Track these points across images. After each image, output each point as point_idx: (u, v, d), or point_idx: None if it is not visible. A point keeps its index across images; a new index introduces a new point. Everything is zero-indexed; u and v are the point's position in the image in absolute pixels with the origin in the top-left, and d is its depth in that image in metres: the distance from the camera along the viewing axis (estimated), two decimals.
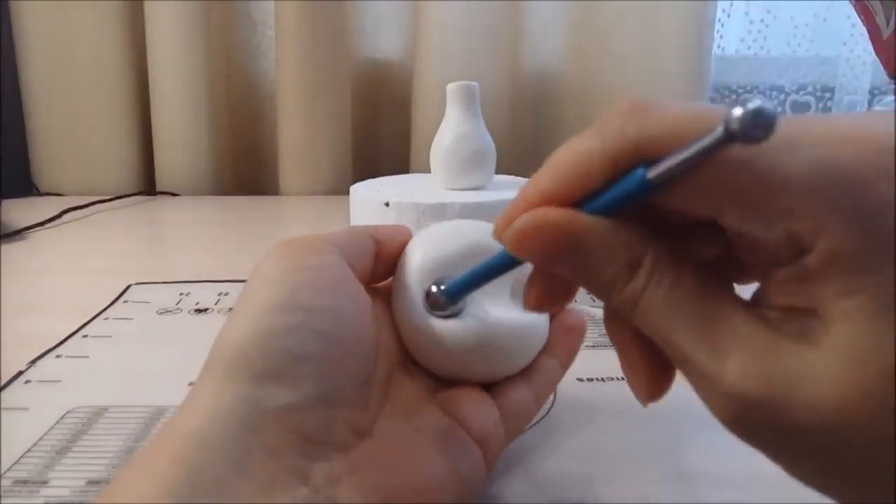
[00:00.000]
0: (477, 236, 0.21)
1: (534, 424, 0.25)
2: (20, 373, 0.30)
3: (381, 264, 0.21)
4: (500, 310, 0.21)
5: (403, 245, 0.22)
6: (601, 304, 0.17)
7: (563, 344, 0.23)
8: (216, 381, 0.16)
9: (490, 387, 0.22)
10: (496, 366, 0.21)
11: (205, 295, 0.41)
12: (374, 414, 0.19)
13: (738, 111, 0.13)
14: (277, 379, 0.16)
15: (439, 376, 0.22)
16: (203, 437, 0.15)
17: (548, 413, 0.26)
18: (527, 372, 0.22)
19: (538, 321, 0.22)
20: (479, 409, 0.20)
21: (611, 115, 0.14)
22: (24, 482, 0.21)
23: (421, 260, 0.21)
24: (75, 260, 0.51)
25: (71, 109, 0.77)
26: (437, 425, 0.19)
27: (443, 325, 0.20)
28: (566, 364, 0.23)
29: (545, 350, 0.23)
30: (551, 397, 0.27)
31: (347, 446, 0.17)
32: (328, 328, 0.17)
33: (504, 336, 0.21)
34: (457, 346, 0.20)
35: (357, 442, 0.17)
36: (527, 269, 0.19)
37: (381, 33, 0.83)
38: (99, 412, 0.26)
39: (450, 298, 0.20)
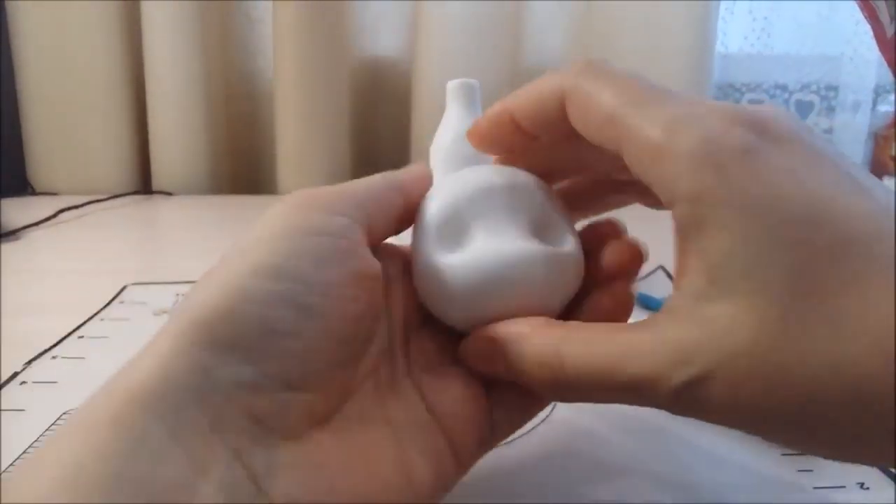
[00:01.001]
0: (496, 177, 0.20)
1: (535, 426, 0.25)
2: (16, 374, 0.29)
3: (409, 215, 0.20)
4: (516, 240, 0.19)
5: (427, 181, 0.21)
6: None
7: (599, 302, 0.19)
8: (175, 341, 0.14)
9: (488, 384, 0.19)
10: (512, 303, 0.18)
11: None
12: (349, 392, 0.17)
13: None
14: (239, 352, 0.14)
15: (459, 328, 0.19)
16: (149, 399, 0.13)
17: (550, 415, 0.26)
18: None
19: (569, 253, 0.19)
20: (460, 405, 0.18)
21: (572, 68, 0.18)
22: None
23: (437, 203, 0.20)
24: (71, 260, 0.50)
25: (66, 109, 0.77)
26: (410, 418, 0.18)
27: (452, 259, 0.19)
28: None
29: None
30: None
31: (298, 435, 0.15)
32: (312, 302, 0.15)
33: (521, 265, 0.18)
34: (467, 281, 0.18)
35: (310, 432, 0.16)
36: (546, 199, 0.20)
37: (380, 31, 0.83)
38: None
39: None
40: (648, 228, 0.20)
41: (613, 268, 0.19)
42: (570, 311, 0.19)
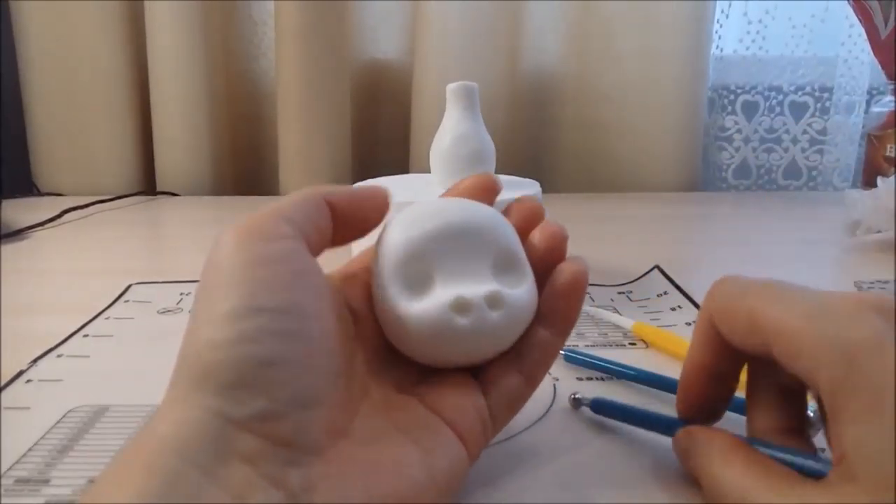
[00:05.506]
0: (459, 215, 0.20)
1: (533, 423, 0.25)
2: (21, 372, 0.30)
3: (341, 227, 0.20)
4: (476, 285, 0.19)
5: (371, 203, 0.20)
6: (601, 304, 0.18)
7: (559, 310, 0.20)
8: (184, 393, 0.16)
9: (477, 370, 0.21)
10: (471, 349, 0.20)
11: None
12: (353, 410, 0.18)
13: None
14: (246, 387, 0.15)
15: (420, 363, 0.21)
16: (176, 447, 0.14)
17: (548, 412, 0.26)
18: (515, 350, 0.21)
19: (521, 293, 0.20)
20: (459, 400, 0.19)
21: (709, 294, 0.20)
22: (26, 481, 0.21)
23: (397, 240, 0.20)
24: (76, 260, 0.51)
25: (71, 109, 0.77)
26: (416, 420, 0.19)
27: (413, 307, 0.19)
28: (564, 332, 0.21)
29: (537, 320, 0.21)
30: (551, 395, 0.27)
31: (323, 449, 0.16)
32: (292, 328, 0.16)
33: (466, 325, 0.19)
34: (427, 329, 0.19)
35: (333, 443, 0.17)
36: (506, 239, 0.20)
37: (381, 33, 0.83)
38: (100, 411, 0.26)
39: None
40: (645, 230, 0.21)
41: (543, 247, 0.21)
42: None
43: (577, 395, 0.26)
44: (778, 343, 0.17)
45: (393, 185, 0.41)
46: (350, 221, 0.20)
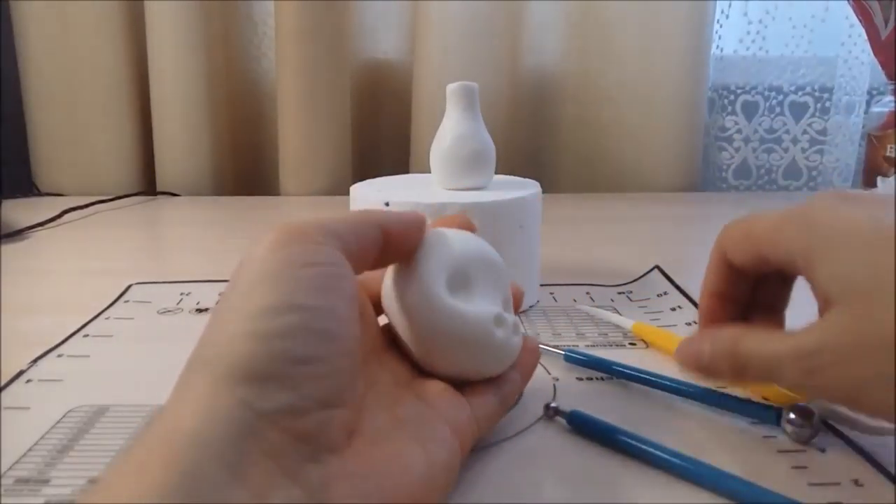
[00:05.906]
0: (490, 251, 0.24)
1: (533, 423, 0.25)
2: (21, 372, 0.30)
3: (389, 252, 0.21)
4: (507, 311, 0.24)
5: (416, 233, 0.22)
6: (601, 304, 0.18)
7: (525, 361, 0.25)
8: (212, 381, 0.16)
9: (460, 388, 0.23)
10: (492, 359, 0.23)
11: (205, 295, 0.41)
12: (362, 407, 0.19)
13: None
14: (277, 381, 0.16)
15: (432, 367, 0.23)
16: (199, 439, 0.14)
17: (543, 415, 0.26)
18: (494, 379, 0.24)
19: (518, 322, 0.24)
20: (451, 398, 0.22)
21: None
22: (26, 481, 0.22)
23: (444, 250, 0.23)
24: (76, 260, 0.51)
25: (71, 109, 0.77)
26: (414, 415, 0.20)
27: (466, 308, 0.22)
28: (526, 379, 0.25)
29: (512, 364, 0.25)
30: (551, 395, 0.27)
31: (341, 447, 0.17)
32: (327, 328, 0.17)
33: (501, 339, 0.23)
34: (471, 334, 0.22)
35: (349, 442, 0.17)
36: (506, 280, 0.25)
37: (381, 33, 0.83)
38: (100, 411, 0.26)
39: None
40: (646, 230, 0.21)
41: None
42: None
43: (553, 405, 0.25)
44: (764, 243, 0.22)
45: (393, 185, 0.41)
46: (398, 246, 0.22)
